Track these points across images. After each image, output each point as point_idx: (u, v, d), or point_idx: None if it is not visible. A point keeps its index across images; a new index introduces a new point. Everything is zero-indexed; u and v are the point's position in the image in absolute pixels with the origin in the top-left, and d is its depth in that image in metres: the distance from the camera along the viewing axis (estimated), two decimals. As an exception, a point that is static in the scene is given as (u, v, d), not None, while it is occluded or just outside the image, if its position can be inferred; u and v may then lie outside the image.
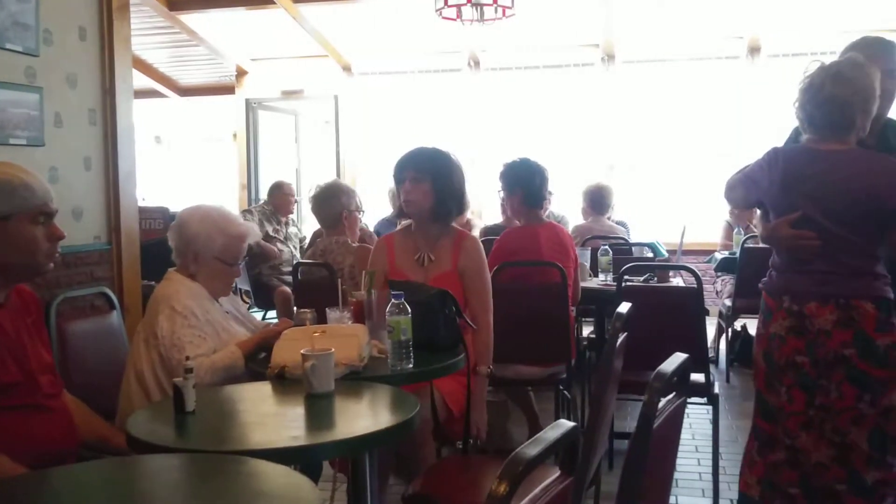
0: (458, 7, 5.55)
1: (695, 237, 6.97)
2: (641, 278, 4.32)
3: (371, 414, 2.18)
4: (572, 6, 7.47)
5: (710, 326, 5.28)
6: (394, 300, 2.40)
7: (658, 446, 1.53)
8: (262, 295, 6.45)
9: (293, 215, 6.98)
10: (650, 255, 5.56)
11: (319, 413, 2.10)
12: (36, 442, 2.05)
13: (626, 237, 5.86)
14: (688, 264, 4.16)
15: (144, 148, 10.38)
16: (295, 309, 3.13)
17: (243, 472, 1.63)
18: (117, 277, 3.86)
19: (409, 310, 2.39)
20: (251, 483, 1.61)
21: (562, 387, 3.80)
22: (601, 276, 4.57)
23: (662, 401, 1.54)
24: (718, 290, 6.18)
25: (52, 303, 2.98)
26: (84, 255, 3.68)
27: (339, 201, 4.27)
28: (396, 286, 2.53)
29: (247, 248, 2.81)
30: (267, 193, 6.92)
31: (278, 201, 6.72)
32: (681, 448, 2.05)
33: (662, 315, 3.46)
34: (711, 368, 3.71)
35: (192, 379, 2.02)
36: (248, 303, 6.56)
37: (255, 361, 2.54)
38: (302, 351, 2.14)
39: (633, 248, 5.60)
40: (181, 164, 11.67)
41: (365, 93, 9.05)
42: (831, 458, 2.49)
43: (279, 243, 6.54)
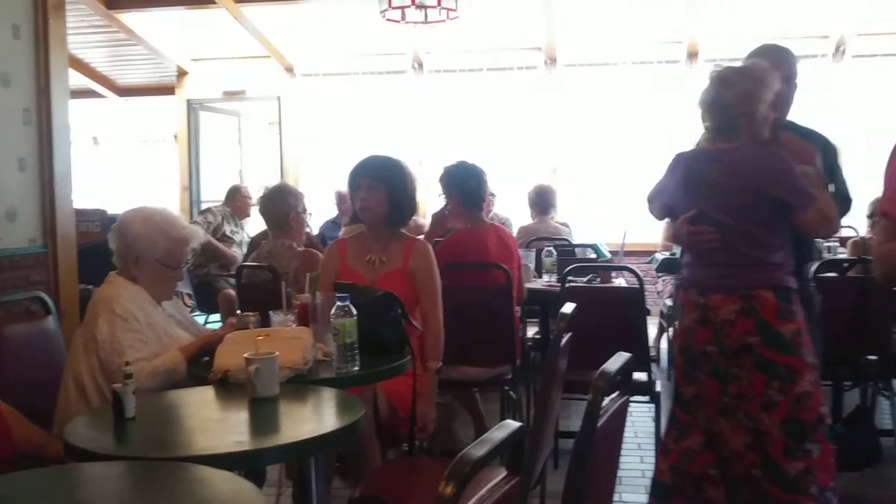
0: (403, 9, 5.55)
1: (636, 238, 7.07)
2: (585, 279, 4.37)
3: (316, 418, 2.17)
4: (515, 10, 7.53)
5: (652, 326, 5.37)
6: (339, 303, 2.38)
7: (602, 444, 1.55)
8: (205, 297, 6.37)
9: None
10: (593, 256, 5.63)
11: (264, 417, 2.08)
12: (-32, 452, 1.98)
13: (569, 238, 5.92)
14: (630, 265, 4.23)
15: (81, 149, 10.14)
16: (238, 312, 3.09)
17: (186, 479, 1.61)
18: (53, 281, 3.77)
19: (355, 312, 2.38)
20: (194, 490, 1.59)
21: (507, 387, 3.82)
22: (545, 277, 4.61)
23: (606, 400, 1.56)
24: (659, 290, 6.28)
25: (-16, 308, 2.89)
26: (19, 258, 3.58)
27: (286, 203, 4.23)
28: (341, 288, 2.52)
29: (190, 251, 2.77)
30: (225, 196, 6.92)
31: (237, 204, 6.76)
32: (624, 446, 2.08)
33: (606, 315, 3.51)
34: (653, 367, 3.77)
35: (133, 384, 1.98)
36: (189, 306, 6.46)
37: (198, 366, 2.49)
38: (245, 354, 2.12)
39: (577, 250, 5.66)
40: (119, 166, 11.43)
41: (308, 94, 8.97)
42: (746, 444, 2.57)
43: (234, 246, 6.53)
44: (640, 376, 3.55)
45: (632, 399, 2.07)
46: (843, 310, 3.75)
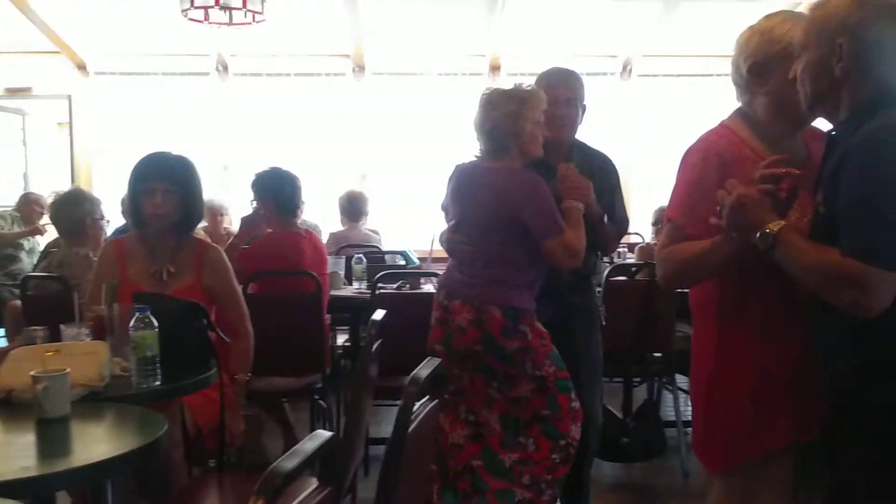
0: (206, 9, 5.36)
1: (444, 245, 7.22)
2: (395, 285, 4.41)
3: (113, 437, 2.04)
4: (323, 16, 7.49)
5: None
6: (138, 314, 2.26)
7: (414, 449, 1.57)
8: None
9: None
10: (403, 262, 5.69)
11: (53, 439, 1.93)
12: None
13: (379, 245, 5.95)
14: (438, 271, 4.30)
15: None
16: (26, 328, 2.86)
17: (-37, 512, 1.46)
18: None
19: (156, 323, 2.27)
20: (-28, 523, 1.45)
21: (317, 396, 3.78)
22: (356, 284, 4.61)
23: (417, 404, 1.58)
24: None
25: None
26: None
27: (82, 208, 3.97)
28: (141, 298, 2.39)
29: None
30: (17, 202, 6.63)
31: (24, 209, 6.48)
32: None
33: (416, 321, 3.54)
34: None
35: None
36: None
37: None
38: (32, 372, 1.96)
39: (386, 256, 5.70)
40: None
41: (103, 94, 8.44)
42: (465, 437, 2.74)
43: (23, 253, 6.16)
44: (448, 380, 3.62)
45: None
46: (630, 311, 4.03)
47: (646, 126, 8.35)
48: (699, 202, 1.87)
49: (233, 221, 7.01)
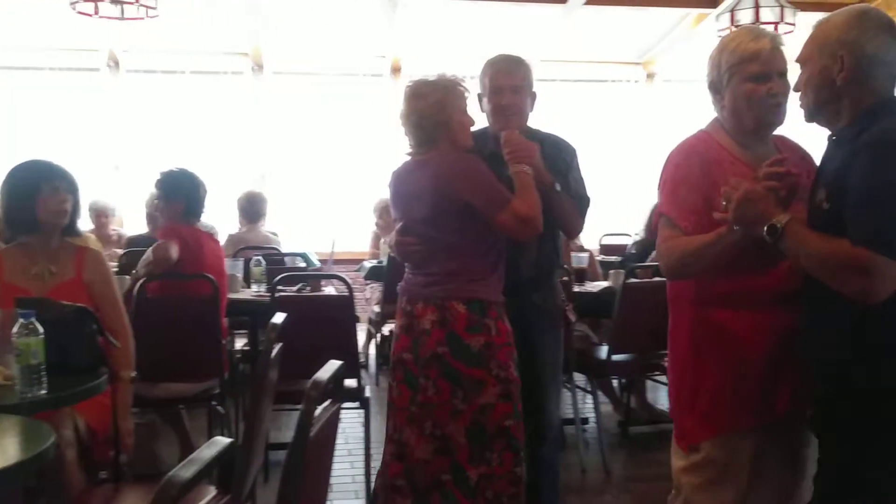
0: (96, 2, 5.16)
1: (345, 247, 7.19)
2: (295, 288, 4.35)
3: (-5, 449, 1.93)
4: (220, 12, 7.33)
5: (361, 332, 5.47)
6: (22, 320, 2.15)
7: (315, 454, 1.55)
8: None
9: None
10: (303, 264, 5.62)
11: (-72, 454, 1.82)
12: None
13: (278, 247, 5.86)
14: (339, 273, 4.27)
15: None
16: None
17: None
18: None
19: (41, 330, 2.16)
20: None
21: (215, 402, 3.70)
22: (254, 287, 4.52)
23: (319, 408, 1.56)
24: (368, 297, 6.43)
25: None
26: None
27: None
28: (25, 304, 2.28)
29: None
30: None
31: None
32: (334, 452, 2.10)
33: (316, 323, 3.51)
34: (363, 373, 3.84)
35: None
36: None
37: None
38: None
39: (286, 259, 5.62)
40: None
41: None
42: (432, 451, 2.64)
43: None
44: (350, 383, 3.60)
45: (343, 406, 2.10)
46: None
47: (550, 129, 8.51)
48: (687, 197, 2.07)
49: (123, 223, 6.79)
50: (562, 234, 3.05)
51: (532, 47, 8.00)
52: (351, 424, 4.58)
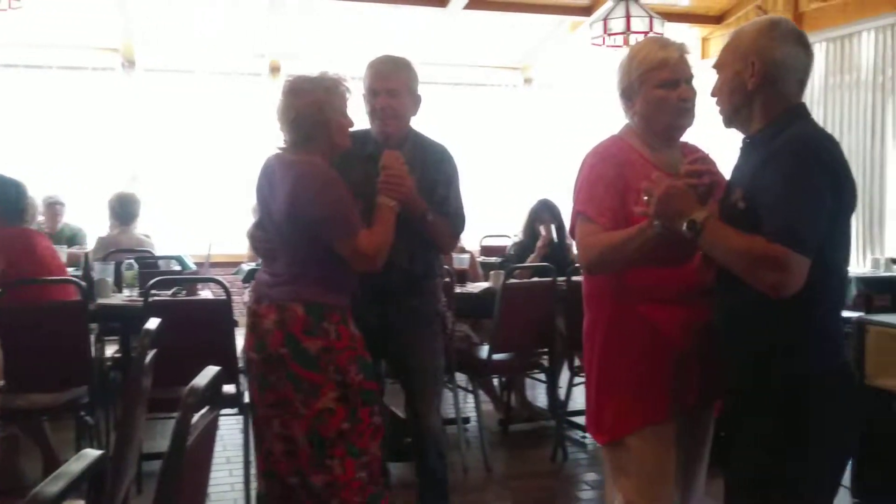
0: (-47, -9, 4.85)
1: (222, 249, 7.02)
2: (170, 292, 4.22)
3: None
4: (89, 6, 7.02)
5: (240, 336, 5.34)
6: None
7: (192, 463, 1.50)
8: None
9: None
10: (178, 268, 5.45)
11: None
12: None
13: (152, 250, 5.66)
14: (216, 276, 4.17)
15: None
16: None
17: None
18: None
19: None
20: None
21: (83, 413, 3.54)
22: (126, 292, 4.34)
23: (196, 416, 1.51)
24: (246, 300, 6.28)
25: None
26: None
27: None
28: None
29: None
30: None
31: None
32: (213, 460, 2.04)
33: (193, 329, 3.43)
34: (241, 378, 3.76)
35: None
36: None
37: None
38: None
39: (160, 262, 5.43)
40: None
41: None
42: (282, 452, 2.60)
43: None
44: (229, 388, 3.52)
45: (221, 412, 2.04)
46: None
47: (431, 132, 8.55)
48: (604, 195, 2.15)
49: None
50: None
51: (413, 50, 8.04)
52: (230, 431, 4.48)
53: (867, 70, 6.38)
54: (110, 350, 4.73)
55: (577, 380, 4.53)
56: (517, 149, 8.90)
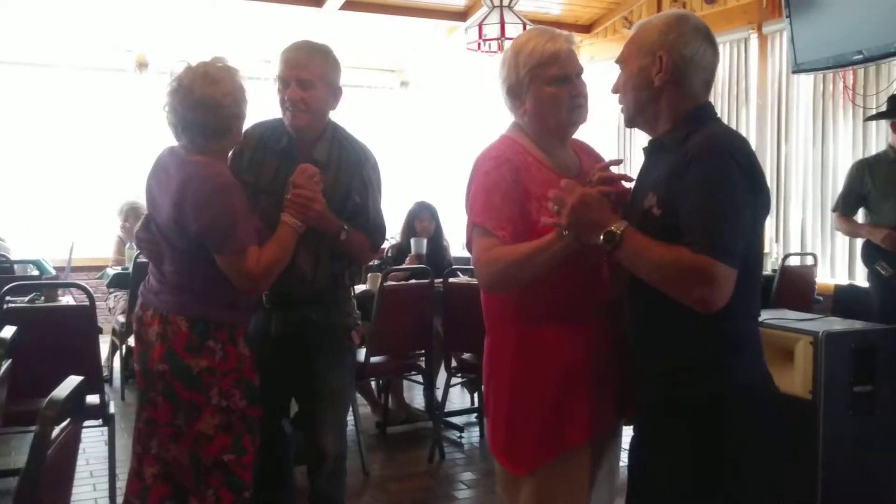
0: None
1: (85, 253, 6.70)
2: (27, 298, 4.01)
3: None
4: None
5: (104, 344, 5.13)
6: None
7: (52, 478, 1.43)
8: None
9: None
10: (36, 272, 5.20)
11: None
12: None
13: (7, 254, 5.36)
14: (78, 281, 3.99)
15: None
16: None
17: None
18: None
19: None
20: None
21: (-71, 428, 3.30)
22: (-23, 299, 4.09)
23: (56, 429, 1.43)
24: (111, 306, 6.03)
25: None
26: None
27: None
28: None
29: None
30: None
31: None
32: (75, 474, 1.94)
33: (53, 337, 3.26)
34: (106, 388, 3.61)
35: None
36: None
37: None
38: None
39: (16, 266, 5.16)
40: None
41: None
42: (154, 475, 2.42)
43: None
44: (92, 399, 3.36)
45: (84, 424, 1.95)
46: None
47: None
48: (502, 206, 1.94)
49: None
50: None
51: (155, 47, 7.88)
52: (93, 443, 4.27)
53: (723, 82, 6.73)
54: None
55: (454, 380, 4.58)
56: (394, 151, 8.92)
